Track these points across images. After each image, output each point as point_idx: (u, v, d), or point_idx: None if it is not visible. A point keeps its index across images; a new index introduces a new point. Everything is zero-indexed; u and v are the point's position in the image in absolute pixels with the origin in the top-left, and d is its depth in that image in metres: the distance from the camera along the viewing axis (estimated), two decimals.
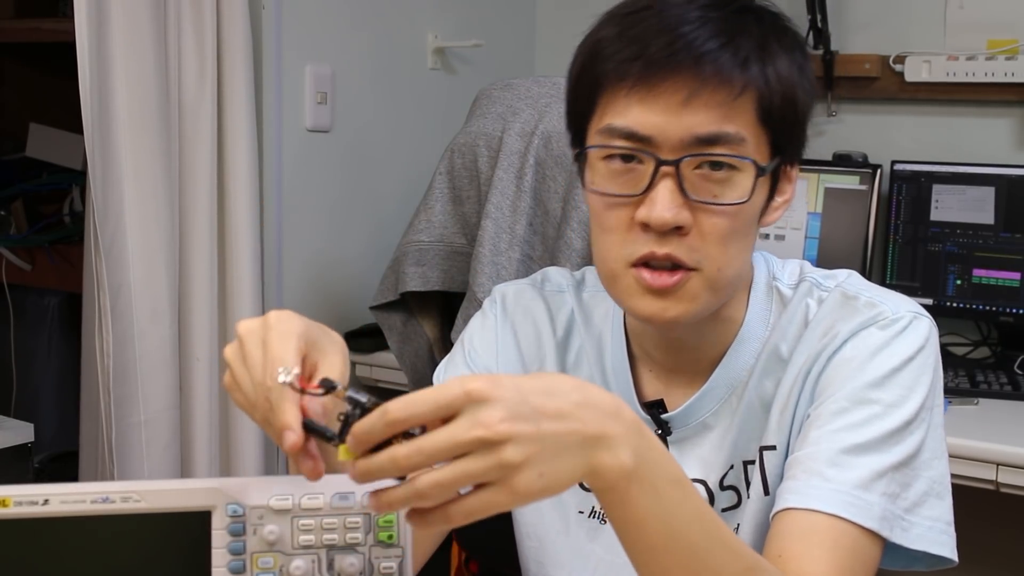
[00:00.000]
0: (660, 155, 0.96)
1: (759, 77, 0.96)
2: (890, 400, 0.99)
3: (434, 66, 2.60)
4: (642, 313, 1.00)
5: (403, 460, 0.71)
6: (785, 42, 1.00)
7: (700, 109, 0.95)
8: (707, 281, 0.99)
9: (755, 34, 0.97)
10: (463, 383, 0.72)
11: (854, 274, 1.10)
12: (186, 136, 2.04)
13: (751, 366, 1.07)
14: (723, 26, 0.96)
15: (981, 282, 2.29)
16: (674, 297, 0.98)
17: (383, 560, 0.83)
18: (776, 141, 0.99)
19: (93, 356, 1.97)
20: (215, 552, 0.82)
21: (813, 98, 1.03)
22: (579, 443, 0.75)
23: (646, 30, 0.96)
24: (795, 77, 0.99)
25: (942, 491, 1.01)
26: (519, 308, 1.19)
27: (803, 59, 1.01)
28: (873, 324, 1.03)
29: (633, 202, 0.98)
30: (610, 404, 0.78)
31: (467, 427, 0.71)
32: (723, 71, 0.95)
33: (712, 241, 0.97)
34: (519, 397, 0.72)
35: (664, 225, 0.96)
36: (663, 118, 0.95)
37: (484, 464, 0.71)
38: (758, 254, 1.11)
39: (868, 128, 2.52)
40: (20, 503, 0.81)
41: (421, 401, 0.71)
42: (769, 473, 1.05)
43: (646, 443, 0.79)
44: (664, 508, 0.80)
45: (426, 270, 2.22)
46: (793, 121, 1.00)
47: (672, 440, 1.10)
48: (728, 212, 0.97)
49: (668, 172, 0.96)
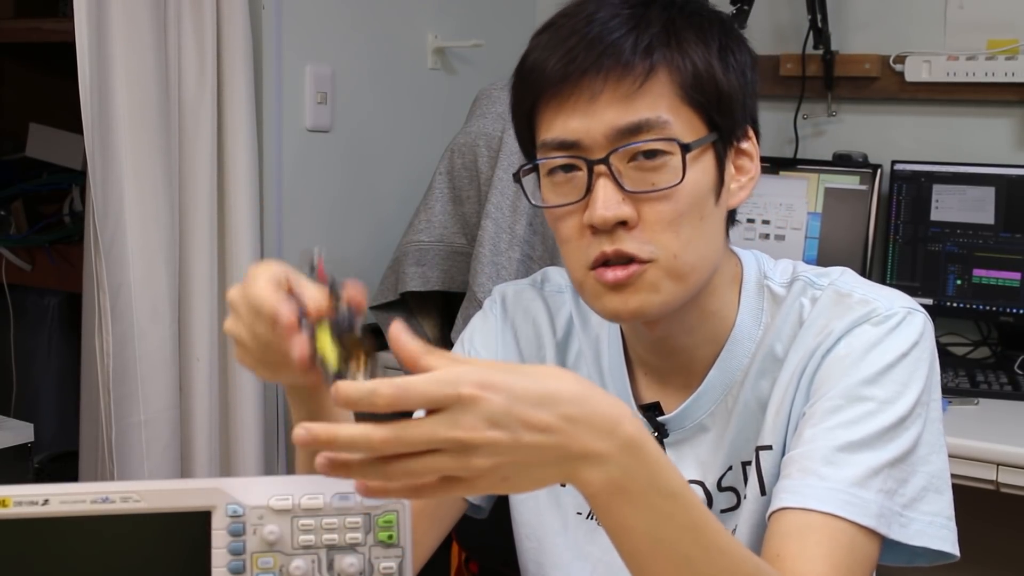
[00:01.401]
0: (590, 157, 0.98)
1: (667, 60, 0.97)
2: (884, 396, 0.99)
3: (434, 66, 2.60)
4: (606, 310, 1.01)
5: (378, 444, 0.72)
6: (697, 24, 1.00)
7: (610, 103, 0.96)
8: (665, 269, 0.99)
9: (659, 20, 0.98)
10: (459, 383, 0.72)
11: (847, 271, 1.10)
12: (186, 136, 2.04)
13: (746, 366, 1.07)
14: (626, 20, 0.98)
15: (981, 282, 2.29)
16: (632, 289, 0.99)
17: (383, 560, 0.83)
18: (709, 118, 1.00)
19: (93, 356, 1.97)
20: (215, 552, 0.82)
21: (743, 74, 1.02)
22: (559, 458, 0.75)
23: (558, 38, 0.99)
24: (711, 56, 0.99)
25: (941, 486, 1.01)
26: (519, 308, 1.19)
27: (727, 40, 1.02)
28: (867, 321, 1.03)
29: (579, 208, 0.99)
30: (606, 420, 0.76)
31: (446, 427, 0.71)
32: (623, 62, 0.96)
33: (660, 229, 0.98)
34: (507, 405, 0.72)
35: (605, 223, 0.97)
36: (583, 121, 0.97)
37: (454, 464, 0.73)
38: (749, 253, 1.11)
39: (868, 128, 2.52)
40: (20, 503, 0.81)
41: (413, 394, 0.71)
42: (766, 473, 1.05)
43: (639, 459, 0.77)
44: (652, 519, 0.79)
45: (426, 270, 2.22)
46: (717, 96, 1.00)
47: (669, 442, 1.10)
48: (669, 196, 0.97)
49: (602, 171, 0.97)
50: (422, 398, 0.71)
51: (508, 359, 1.17)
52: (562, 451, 0.75)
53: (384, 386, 0.71)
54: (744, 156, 1.05)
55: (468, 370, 0.73)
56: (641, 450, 0.78)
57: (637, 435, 0.78)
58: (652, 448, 0.79)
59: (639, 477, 0.78)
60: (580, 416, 0.75)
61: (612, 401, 0.78)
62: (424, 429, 0.72)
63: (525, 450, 0.73)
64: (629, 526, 0.79)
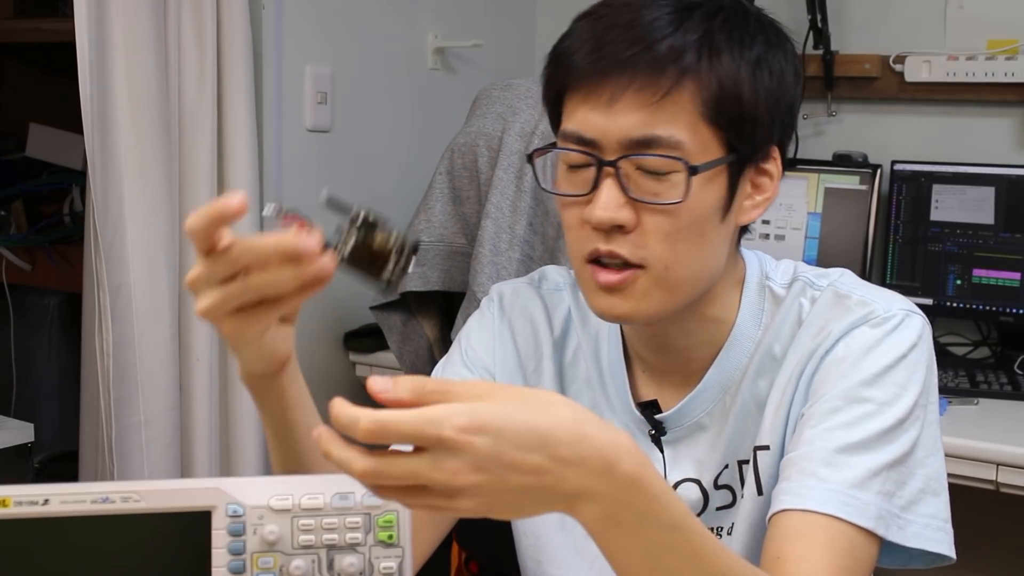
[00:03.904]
0: (602, 156, 0.98)
1: (694, 72, 0.96)
2: (883, 398, 0.99)
3: (434, 66, 2.60)
4: (596, 309, 1.03)
5: (357, 474, 0.70)
6: (738, 36, 0.98)
7: (627, 110, 0.96)
8: (656, 279, 0.99)
9: (700, 27, 0.97)
10: (442, 424, 0.68)
11: (847, 272, 1.10)
12: (186, 136, 2.04)
13: (744, 366, 1.07)
14: (669, 21, 0.96)
15: (981, 282, 2.29)
16: (622, 295, 0.99)
17: (383, 560, 0.83)
18: (727, 139, 0.98)
19: (93, 356, 1.97)
20: (215, 552, 0.82)
21: (775, 93, 1.00)
22: (548, 497, 0.73)
23: (598, 28, 0.98)
24: (741, 73, 0.97)
25: (938, 488, 1.01)
26: (516, 307, 1.19)
27: (766, 52, 1.00)
28: (865, 323, 1.03)
29: (583, 201, 1.00)
30: (602, 460, 0.73)
31: (428, 468, 0.69)
32: (651, 68, 0.95)
33: (655, 239, 0.98)
34: (494, 450, 0.69)
35: (602, 223, 0.97)
36: (601, 119, 0.97)
37: (437, 500, 0.71)
38: (752, 253, 1.11)
39: (868, 128, 2.52)
40: (20, 503, 0.81)
41: (392, 431, 0.69)
42: (763, 473, 1.05)
43: (637, 495, 0.75)
44: (650, 550, 0.78)
45: (426, 270, 2.22)
46: (740, 118, 0.98)
47: (666, 440, 1.10)
48: (669, 211, 0.97)
49: (609, 172, 0.97)
50: (402, 436, 0.69)
51: (505, 357, 1.17)
52: (551, 491, 0.72)
53: (365, 419, 0.68)
54: (764, 175, 1.04)
55: (456, 410, 0.69)
56: (641, 486, 0.75)
57: (636, 472, 0.75)
58: (653, 482, 0.76)
59: (635, 511, 0.75)
60: (574, 458, 0.72)
61: (610, 438, 0.74)
62: (406, 467, 0.69)
63: (513, 491, 0.71)
64: (625, 551, 0.78)
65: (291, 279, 0.80)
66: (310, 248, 0.79)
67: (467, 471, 0.69)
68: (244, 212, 0.79)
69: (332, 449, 0.70)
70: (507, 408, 0.71)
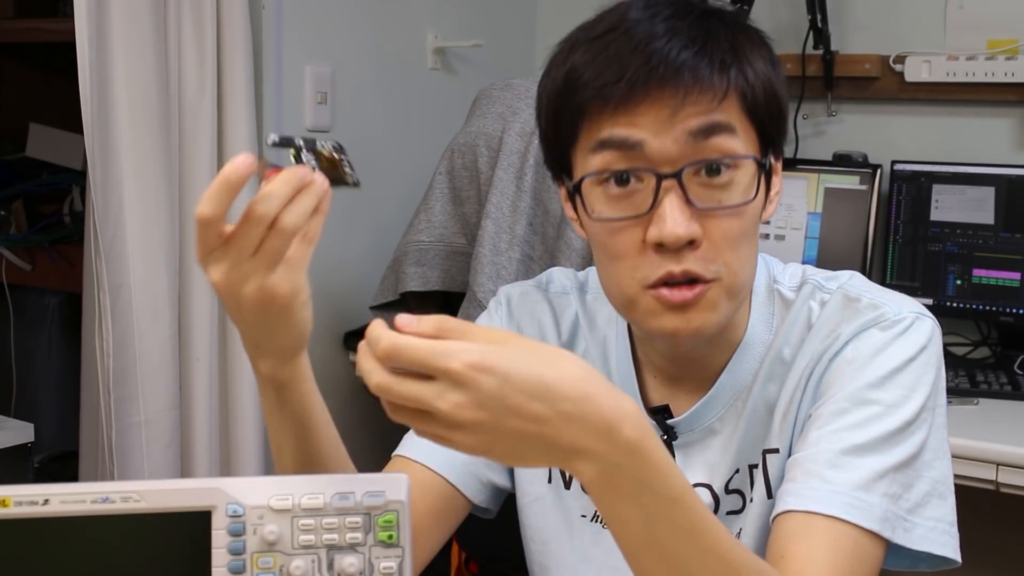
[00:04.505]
0: (659, 170, 0.95)
1: (738, 78, 0.96)
2: (891, 400, 0.99)
3: (434, 66, 2.60)
4: (666, 330, 0.99)
5: (372, 387, 0.74)
6: (755, 39, 1.00)
7: (687, 118, 0.94)
8: (725, 289, 0.98)
9: (725, 36, 0.97)
10: (451, 357, 0.72)
11: (856, 275, 1.09)
12: (186, 136, 2.04)
13: (755, 370, 1.07)
14: (692, 34, 0.95)
15: (981, 282, 2.29)
16: (695, 309, 0.97)
17: (383, 560, 0.83)
18: (764, 135, 0.99)
19: (93, 356, 1.97)
20: (215, 552, 0.82)
21: (787, 89, 1.03)
22: (547, 447, 0.75)
23: (619, 51, 0.95)
24: (771, 71, 0.99)
25: (944, 491, 1.00)
26: (524, 310, 1.18)
27: (771, 53, 1.02)
28: (875, 325, 1.03)
29: (640, 223, 0.96)
30: (604, 422, 0.75)
31: (433, 396, 0.73)
32: (703, 79, 0.94)
33: (725, 248, 0.96)
34: (499, 392, 0.72)
35: (678, 241, 0.94)
36: (653, 132, 0.94)
37: (439, 430, 0.74)
38: (759, 256, 1.11)
39: (868, 128, 2.52)
40: (20, 503, 0.81)
41: (408, 355, 0.73)
42: (772, 476, 1.05)
43: (637, 462, 0.76)
44: (645, 518, 0.79)
45: (426, 270, 2.22)
46: (778, 114, 1.00)
47: (678, 445, 1.10)
48: (735, 214, 0.97)
49: (670, 186, 0.95)
50: (413, 361, 0.73)
51: None
52: (550, 441, 0.74)
53: (385, 339, 0.74)
54: (775, 173, 1.05)
55: (469, 348, 0.73)
56: (641, 453, 0.76)
57: (637, 438, 0.76)
58: (655, 451, 0.77)
59: (633, 478, 0.77)
60: (575, 414, 0.74)
61: (615, 403, 0.76)
62: (414, 390, 0.73)
63: (510, 435, 0.74)
64: (623, 520, 0.79)
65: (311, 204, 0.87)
66: (310, 176, 0.87)
67: (469, 407, 0.72)
68: (252, 170, 0.84)
69: (361, 357, 0.75)
70: (518, 355, 0.74)
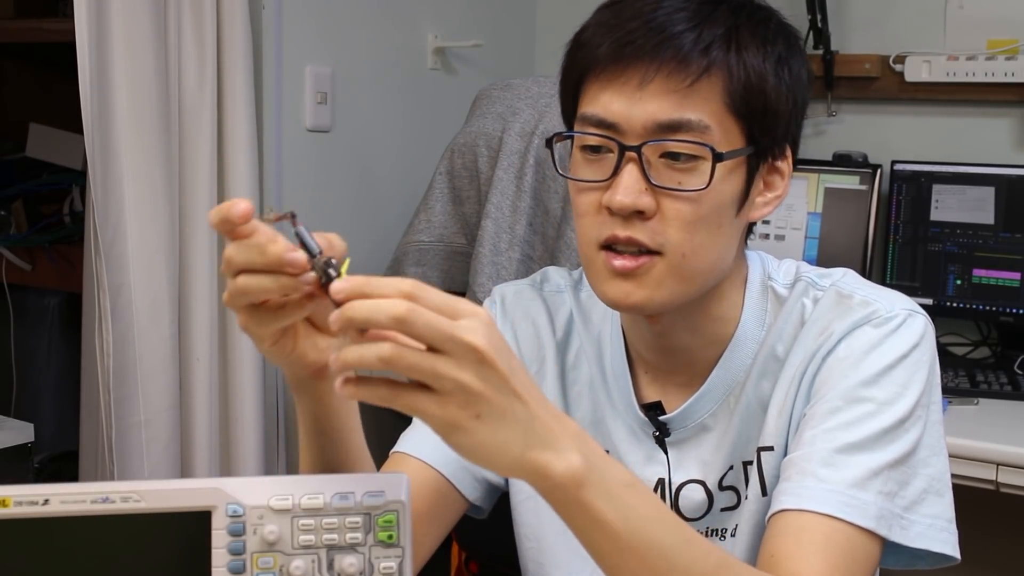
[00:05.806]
0: (625, 141, 0.98)
1: (722, 63, 0.97)
2: (884, 398, 0.99)
3: (434, 66, 2.60)
4: (608, 296, 1.02)
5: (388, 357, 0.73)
6: (762, 33, 1.00)
7: (656, 94, 0.96)
8: (671, 267, 0.99)
9: (725, 22, 0.98)
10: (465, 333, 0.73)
11: (850, 272, 1.10)
12: (186, 136, 2.04)
13: (748, 367, 1.07)
14: (693, 14, 0.98)
15: (981, 282, 2.29)
16: (637, 281, 0.99)
17: (383, 560, 0.83)
18: (749, 131, 1.00)
19: (93, 356, 1.97)
20: (215, 552, 0.82)
21: (794, 92, 1.03)
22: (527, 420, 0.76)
23: (621, 18, 0.99)
24: (766, 68, 0.99)
25: (942, 488, 1.01)
26: (519, 309, 1.19)
27: (787, 52, 1.01)
28: (867, 323, 1.03)
29: (602, 187, 0.99)
30: (556, 409, 0.79)
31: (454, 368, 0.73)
32: (681, 55, 0.96)
33: (675, 226, 0.98)
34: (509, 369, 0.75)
35: (623, 209, 0.97)
36: (626, 104, 0.97)
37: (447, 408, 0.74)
38: (754, 253, 1.11)
39: (868, 128, 2.52)
40: (20, 503, 0.81)
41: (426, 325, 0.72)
42: (767, 474, 1.05)
43: (591, 448, 0.80)
44: (621, 509, 0.80)
45: (426, 270, 2.22)
46: (763, 111, 1.00)
47: (671, 441, 1.10)
48: (691, 198, 0.98)
49: (632, 158, 0.97)
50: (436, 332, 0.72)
51: None
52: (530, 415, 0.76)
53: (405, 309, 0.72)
54: (776, 174, 1.05)
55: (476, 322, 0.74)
56: (591, 442, 0.81)
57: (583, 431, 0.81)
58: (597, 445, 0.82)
59: (598, 465, 0.79)
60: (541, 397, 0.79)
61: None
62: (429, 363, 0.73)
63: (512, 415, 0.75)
64: (603, 519, 0.80)
65: (272, 286, 0.79)
66: (296, 260, 0.78)
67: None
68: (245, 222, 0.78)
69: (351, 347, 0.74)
70: None
